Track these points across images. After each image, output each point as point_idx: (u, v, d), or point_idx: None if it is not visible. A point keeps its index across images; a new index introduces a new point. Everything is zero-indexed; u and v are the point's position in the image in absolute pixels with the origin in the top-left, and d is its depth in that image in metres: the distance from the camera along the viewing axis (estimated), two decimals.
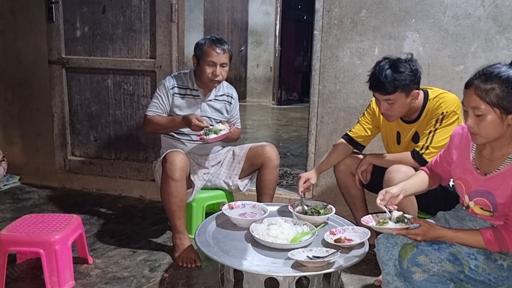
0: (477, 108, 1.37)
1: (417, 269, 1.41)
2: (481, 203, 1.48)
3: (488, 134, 1.40)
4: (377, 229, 1.58)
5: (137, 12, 3.03)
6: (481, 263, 1.42)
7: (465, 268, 1.41)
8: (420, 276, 1.42)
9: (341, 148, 2.31)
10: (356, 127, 2.31)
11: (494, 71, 1.37)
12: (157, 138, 2.98)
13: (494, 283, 1.44)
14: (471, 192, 1.52)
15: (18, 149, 3.60)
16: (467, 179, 1.53)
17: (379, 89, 1.97)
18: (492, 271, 1.42)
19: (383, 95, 1.97)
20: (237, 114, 2.67)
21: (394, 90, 1.94)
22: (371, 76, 2.00)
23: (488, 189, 1.45)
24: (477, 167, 1.51)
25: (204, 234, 1.94)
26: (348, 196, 2.39)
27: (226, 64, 2.39)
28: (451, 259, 1.42)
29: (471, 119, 1.40)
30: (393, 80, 1.92)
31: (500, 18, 2.45)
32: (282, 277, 1.67)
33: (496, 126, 1.38)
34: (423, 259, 1.41)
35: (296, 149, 5.05)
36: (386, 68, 1.94)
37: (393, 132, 2.23)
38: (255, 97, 9.05)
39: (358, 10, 2.65)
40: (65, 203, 3.17)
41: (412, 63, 1.97)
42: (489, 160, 1.48)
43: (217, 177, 2.60)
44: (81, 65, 3.19)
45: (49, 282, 1.95)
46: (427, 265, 1.40)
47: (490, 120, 1.37)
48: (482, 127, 1.39)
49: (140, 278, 2.16)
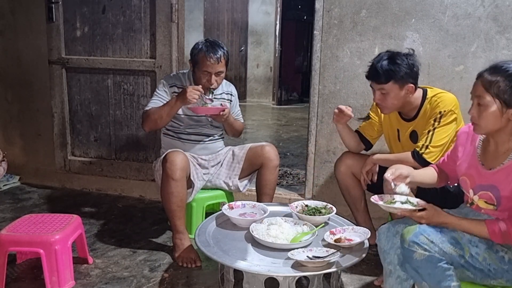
0: (481, 97, 1.45)
1: (418, 248, 1.43)
2: (485, 197, 1.52)
3: (487, 125, 1.47)
4: (385, 208, 1.63)
5: (137, 12, 3.03)
6: (483, 252, 1.45)
7: (465, 254, 1.44)
8: (420, 255, 1.43)
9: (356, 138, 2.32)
10: (363, 124, 2.35)
11: (503, 66, 1.45)
12: (157, 138, 2.98)
13: (493, 275, 1.46)
14: (476, 186, 1.55)
15: (18, 149, 3.60)
16: (472, 174, 1.58)
17: (373, 77, 2.03)
18: (493, 262, 1.45)
19: (377, 84, 2.03)
20: (238, 111, 2.69)
21: (388, 80, 1.99)
22: (370, 66, 2.06)
23: (493, 183, 1.49)
24: (482, 163, 1.56)
25: (204, 234, 1.94)
26: (348, 197, 2.39)
27: (222, 71, 2.38)
28: (453, 242, 1.45)
29: (474, 108, 1.48)
30: (387, 70, 1.98)
31: (500, 18, 2.45)
32: (282, 277, 1.67)
33: (495, 117, 1.44)
34: (424, 238, 1.44)
35: (296, 149, 5.05)
36: (384, 59, 2.00)
37: (394, 129, 2.25)
38: (255, 97, 9.05)
39: (358, 10, 2.65)
40: (65, 203, 3.17)
41: (410, 57, 2.02)
42: (494, 155, 1.53)
43: (217, 177, 2.59)
44: (81, 65, 3.19)
45: (49, 282, 1.95)
46: (428, 244, 1.43)
47: (491, 111, 1.44)
48: (482, 117, 1.46)
49: (140, 278, 2.16)
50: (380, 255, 1.65)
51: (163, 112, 2.32)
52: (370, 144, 2.36)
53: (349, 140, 2.31)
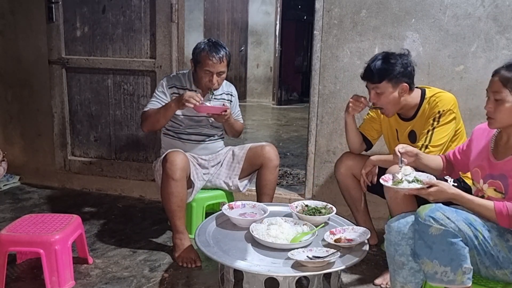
0: (498, 93, 1.52)
1: (434, 223, 1.45)
2: (495, 185, 1.57)
3: (502, 119, 1.54)
4: (394, 188, 1.68)
5: (137, 12, 3.03)
6: (494, 237, 1.49)
7: (479, 235, 1.47)
8: (436, 229, 1.44)
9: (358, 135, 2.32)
10: (364, 121, 2.36)
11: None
12: (157, 138, 2.98)
13: (501, 263, 1.49)
14: (486, 176, 1.61)
15: (18, 149, 3.60)
16: (483, 165, 1.64)
17: (368, 77, 2.07)
18: (502, 250, 1.48)
19: (371, 84, 2.07)
20: (238, 111, 2.69)
21: (381, 79, 2.01)
22: (365, 67, 2.10)
23: (503, 172, 1.55)
24: (494, 156, 1.62)
25: (204, 234, 1.94)
26: (349, 198, 2.39)
27: (224, 72, 2.37)
28: (467, 222, 1.47)
29: (491, 103, 1.55)
30: (380, 69, 2.01)
31: (500, 18, 2.45)
32: (282, 277, 1.67)
33: (511, 112, 1.51)
34: (440, 214, 1.46)
35: (296, 149, 5.05)
36: (379, 59, 2.04)
37: (393, 129, 2.26)
38: (255, 97, 9.05)
39: (358, 10, 2.65)
40: (65, 203, 3.17)
41: (404, 57, 2.05)
42: (505, 147, 1.59)
43: (217, 177, 2.59)
44: (81, 65, 3.19)
45: (49, 282, 1.95)
46: (444, 220, 1.44)
47: (508, 106, 1.51)
48: (498, 111, 1.52)
49: (140, 278, 2.16)
50: (388, 250, 1.63)
51: (159, 114, 2.33)
52: (371, 144, 2.36)
53: (353, 137, 2.30)
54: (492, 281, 1.54)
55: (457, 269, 1.43)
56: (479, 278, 1.55)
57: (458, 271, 1.43)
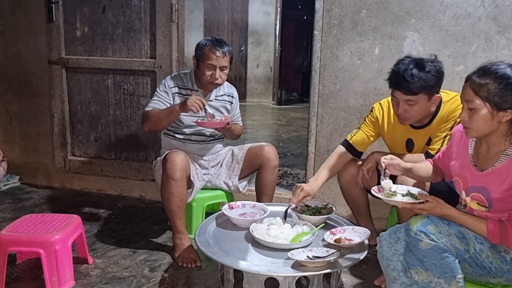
0: (470, 102, 1.43)
1: (425, 237, 1.42)
2: (477, 199, 1.51)
3: (478, 129, 1.44)
4: (386, 201, 1.62)
5: (137, 12, 3.03)
6: (486, 249, 1.45)
7: (470, 248, 1.44)
8: (426, 244, 1.42)
9: (341, 158, 2.22)
10: (358, 134, 2.21)
11: (491, 68, 1.42)
12: (157, 138, 2.98)
13: (494, 273, 1.46)
14: (468, 188, 1.54)
15: (18, 149, 3.59)
16: (465, 175, 1.56)
17: (402, 88, 1.84)
18: (495, 261, 1.45)
19: (405, 95, 1.85)
20: (238, 113, 2.68)
21: (419, 91, 1.82)
22: (393, 74, 1.87)
23: (484, 184, 1.48)
24: (475, 164, 1.54)
25: (204, 234, 1.94)
26: (352, 203, 2.38)
27: (226, 67, 2.38)
28: (459, 236, 1.45)
29: (465, 112, 1.46)
30: (419, 80, 1.80)
31: (500, 18, 2.45)
32: (282, 277, 1.67)
33: (486, 121, 1.42)
34: (432, 228, 1.43)
35: (296, 149, 5.05)
36: (412, 67, 1.82)
37: (402, 140, 2.12)
38: (255, 97, 9.05)
39: (358, 10, 2.65)
40: (65, 203, 3.17)
41: (437, 63, 1.87)
42: (486, 157, 1.51)
43: (217, 177, 2.59)
44: (81, 65, 3.19)
45: (49, 282, 1.95)
46: (436, 234, 1.42)
47: (482, 115, 1.42)
48: (473, 120, 1.44)
49: (140, 278, 2.15)
50: (381, 262, 1.62)
51: (162, 116, 2.33)
52: (360, 154, 2.26)
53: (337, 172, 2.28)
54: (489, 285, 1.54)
55: (451, 280, 1.42)
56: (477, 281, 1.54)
57: (453, 282, 1.43)
